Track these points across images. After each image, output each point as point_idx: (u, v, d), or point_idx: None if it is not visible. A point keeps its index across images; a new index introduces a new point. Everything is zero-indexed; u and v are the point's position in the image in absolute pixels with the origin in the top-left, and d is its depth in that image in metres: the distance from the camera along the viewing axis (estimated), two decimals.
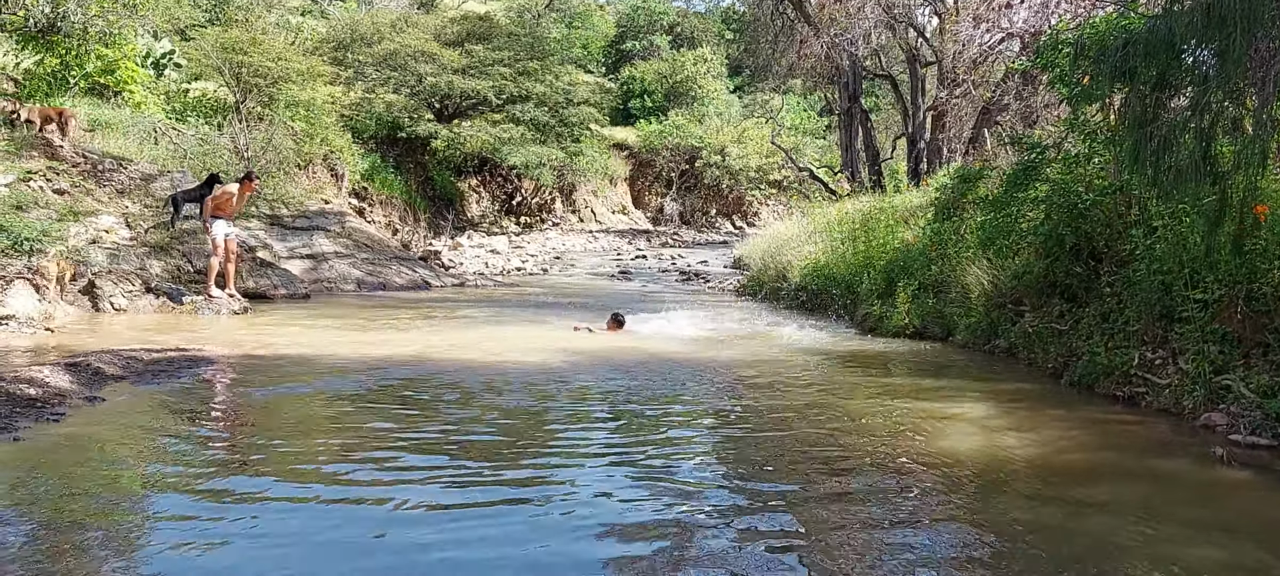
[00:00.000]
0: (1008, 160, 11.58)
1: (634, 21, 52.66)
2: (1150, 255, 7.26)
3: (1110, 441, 6.02)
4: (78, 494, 4.45)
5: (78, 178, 13.78)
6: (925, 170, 21.85)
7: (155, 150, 16.31)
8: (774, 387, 7.76)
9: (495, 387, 7.48)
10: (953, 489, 4.89)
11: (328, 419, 6.29)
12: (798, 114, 46.68)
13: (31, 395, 5.96)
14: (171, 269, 12.69)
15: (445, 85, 28.49)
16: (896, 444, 5.76)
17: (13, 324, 9.24)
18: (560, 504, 4.53)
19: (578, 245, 29.79)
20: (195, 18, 29.50)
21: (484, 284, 17.43)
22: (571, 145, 32.56)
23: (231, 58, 20.56)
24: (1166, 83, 5.59)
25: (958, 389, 7.68)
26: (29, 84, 17.21)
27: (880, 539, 4.14)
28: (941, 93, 22.08)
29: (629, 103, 45.96)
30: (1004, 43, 20.19)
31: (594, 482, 4.86)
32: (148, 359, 7.59)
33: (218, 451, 5.50)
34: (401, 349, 9.22)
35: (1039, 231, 8.87)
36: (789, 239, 17.14)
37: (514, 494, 4.64)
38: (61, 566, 3.60)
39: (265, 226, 15.64)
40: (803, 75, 30.43)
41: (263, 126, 19.78)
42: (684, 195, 42.99)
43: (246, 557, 3.76)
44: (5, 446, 5.03)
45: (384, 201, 25.96)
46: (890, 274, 11.95)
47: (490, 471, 5.04)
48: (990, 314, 9.69)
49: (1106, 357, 7.31)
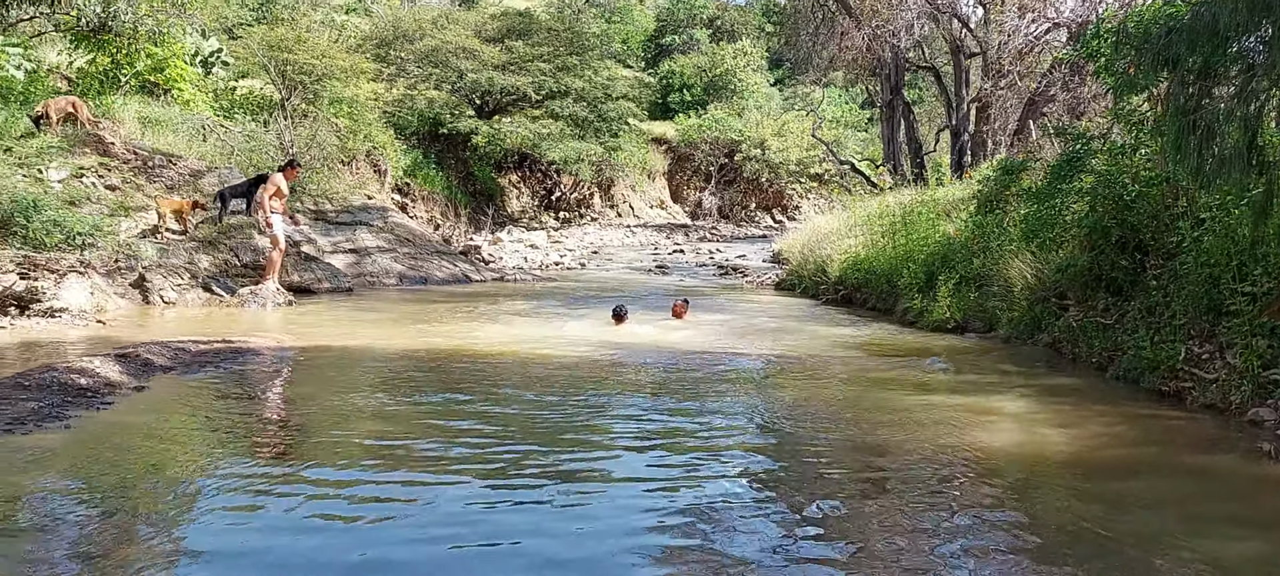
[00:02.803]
0: (1053, 152, 11.41)
1: (673, 15, 52.59)
2: (1197, 247, 7.14)
3: (1155, 437, 5.93)
4: (124, 479, 4.57)
5: (129, 173, 14.07)
6: (969, 163, 21.60)
7: (203, 147, 16.60)
8: (813, 380, 7.74)
9: (534, 380, 7.53)
10: (994, 484, 4.86)
11: (369, 410, 6.37)
12: (839, 107, 46.34)
13: (82, 385, 6.11)
14: (219, 263, 12.92)
15: (486, 81, 28.69)
16: (937, 438, 5.72)
17: (66, 316, 9.47)
18: (600, 496, 4.56)
19: (616, 240, 29.82)
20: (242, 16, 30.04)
21: (523, 278, 17.53)
22: (610, 140, 32.63)
23: (277, 55, 20.88)
24: (1211, 71, 5.49)
25: (1000, 383, 7.60)
26: (82, 82, 17.60)
27: (920, 533, 4.12)
28: (986, 84, 21.82)
29: (668, 97, 45.90)
30: (1050, 32, 19.93)
31: (633, 473, 4.89)
32: (195, 350, 7.74)
33: (261, 440, 5.60)
34: (442, 341, 9.32)
35: (1084, 223, 8.74)
36: (829, 233, 17.03)
37: (554, 487, 4.66)
38: (108, 548, 3.69)
39: (309, 221, 15.86)
40: (844, 67, 30.24)
41: (307, 123, 20.06)
42: (723, 189, 42.85)
43: (287, 543, 3.83)
44: (56, 433, 5.17)
45: (426, 197, 26.20)
46: (931, 267, 11.85)
47: (530, 462, 5.08)
48: (1033, 308, 9.57)
49: (1152, 352, 7.20)
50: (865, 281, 13.53)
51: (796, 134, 40.47)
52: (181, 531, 3.95)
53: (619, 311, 10.60)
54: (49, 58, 18.42)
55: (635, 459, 5.20)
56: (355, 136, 22.50)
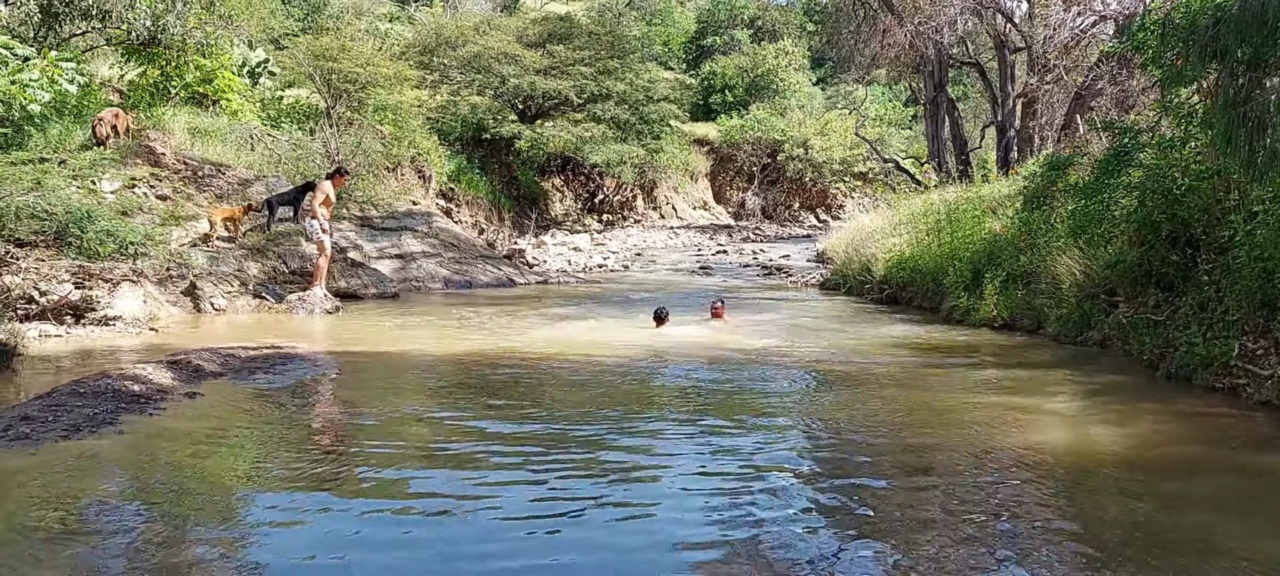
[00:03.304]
0: (1101, 147, 11.22)
1: (714, 16, 52.47)
2: (1250, 241, 6.98)
3: (1209, 435, 5.81)
4: (178, 486, 4.66)
5: (179, 183, 14.35)
6: (1015, 159, 21.29)
7: (251, 156, 16.88)
8: (859, 380, 7.68)
9: (580, 383, 7.56)
10: (1044, 484, 4.79)
11: (416, 415, 6.44)
12: (882, 104, 45.93)
13: (136, 391, 6.24)
14: (268, 270, 13.13)
15: (528, 86, 28.86)
16: (986, 438, 5.65)
17: (119, 324, 9.68)
18: (649, 504, 4.51)
19: (659, 241, 29.82)
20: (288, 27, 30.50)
21: (567, 281, 17.61)
22: (652, 142, 32.65)
23: (322, 65, 21.18)
24: (1261, 61, 5.36)
25: (1049, 381, 7.50)
26: (133, 95, 17.98)
27: (969, 534, 4.07)
28: (1032, 79, 21.49)
29: (710, 98, 45.81)
30: (1097, 25, 19.59)
31: (680, 479, 4.86)
32: (244, 356, 7.87)
33: (310, 446, 5.69)
34: (488, 345, 9.38)
35: (1133, 219, 8.59)
36: (873, 231, 16.89)
37: (604, 496, 4.65)
38: (158, 550, 3.77)
39: (355, 227, 16.07)
40: (886, 65, 29.95)
41: (352, 130, 20.31)
42: (766, 189, 42.67)
43: (334, 547, 3.89)
44: (110, 439, 5.29)
45: (470, 201, 26.41)
46: (977, 265, 11.70)
47: (579, 465, 5.10)
48: (1082, 304, 9.42)
49: (1205, 348, 7.05)
50: (910, 280, 13.40)
51: (839, 133, 40.20)
52: (233, 538, 4.02)
53: (660, 313, 10.61)
54: (101, 72, 18.84)
55: (682, 464, 5.16)
56: (400, 143, 22.74)
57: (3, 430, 5.25)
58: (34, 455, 4.90)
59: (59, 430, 5.29)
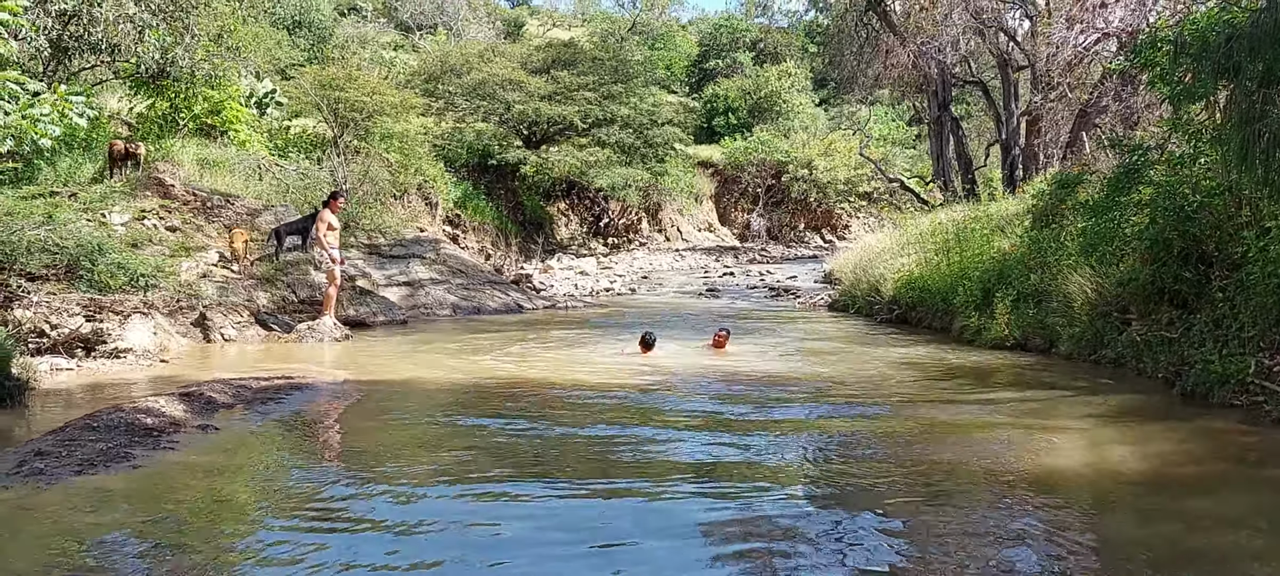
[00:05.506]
0: (1108, 164, 11.20)
1: (716, 40, 52.70)
2: (1264, 257, 6.96)
3: (1227, 453, 5.77)
4: (188, 521, 4.64)
5: (188, 215, 14.39)
6: (1021, 177, 21.28)
7: (259, 186, 16.93)
8: (871, 401, 7.64)
9: (589, 408, 7.54)
10: (1060, 505, 4.74)
11: (428, 444, 6.42)
12: (886, 124, 45.98)
13: (148, 425, 6.23)
14: (277, 299, 13.13)
15: (532, 112, 28.97)
16: (1000, 458, 5.62)
17: (130, 356, 9.67)
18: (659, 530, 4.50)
19: (665, 264, 29.81)
20: (294, 57, 30.66)
21: (574, 305, 17.59)
22: (656, 165, 32.73)
23: (329, 94, 21.29)
24: (1274, 78, 5.35)
25: (1063, 401, 7.46)
26: (142, 127, 18.08)
27: (985, 556, 4.03)
28: (1036, 97, 21.49)
29: (713, 120, 45.92)
30: (1100, 43, 19.59)
31: (689, 498, 4.84)
32: (256, 387, 7.86)
33: (323, 477, 5.65)
34: (497, 372, 9.37)
35: (1144, 236, 8.57)
36: (881, 251, 16.87)
37: (616, 520, 4.64)
38: None
39: (363, 255, 16.08)
40: (889, 85, 30.01)
41: (359, 159, 20.39)
42: (771, 210, 42.68)
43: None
44: (123, 475, 5.26)
45: (476, 227, 26.46)
46: (987, 284, 11.67)
47: (593, 498, 5.06)
48: (1095, 323, 9.38)
49: (1221, 365, 7.01)
50: (920, 300, 13.37)
51: (844, 153, 40.22)
52: (244, 572, 3.99)
53: (647, 338, 10.49)
54: (110, 104, 18.96)
55: (691, 486, 5.14)
56: (406, 170, 22.82)
57: (18, 465, 5.24)
58: (48, 491, 4.88)
59: (73, 465, 5.28)
